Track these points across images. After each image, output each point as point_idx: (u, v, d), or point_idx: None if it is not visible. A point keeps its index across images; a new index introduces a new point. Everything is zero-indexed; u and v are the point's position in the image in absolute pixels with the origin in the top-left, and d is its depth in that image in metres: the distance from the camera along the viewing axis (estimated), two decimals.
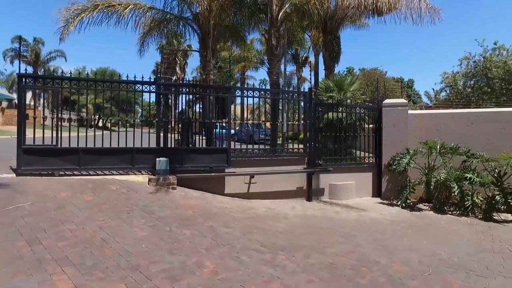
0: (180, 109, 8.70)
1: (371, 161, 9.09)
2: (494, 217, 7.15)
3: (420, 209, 7.80)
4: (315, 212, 7.05)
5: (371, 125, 9.52)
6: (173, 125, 7.77)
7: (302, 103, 8.78)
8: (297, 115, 9.16)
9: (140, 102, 8.21)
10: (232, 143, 7.86)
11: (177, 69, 39.13)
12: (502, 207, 7.22)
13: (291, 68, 35.81)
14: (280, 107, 10.02)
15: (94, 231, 4.31)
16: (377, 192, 8.93)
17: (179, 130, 7.91)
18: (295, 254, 4.27)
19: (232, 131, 11.87)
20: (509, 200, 7.12)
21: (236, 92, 8.24)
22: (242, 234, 4.83)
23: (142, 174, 6.90)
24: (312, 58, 30.34)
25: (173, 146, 7.35)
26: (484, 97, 14.89)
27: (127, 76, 6.92)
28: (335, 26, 15.98)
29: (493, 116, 8.51)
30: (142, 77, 6.93)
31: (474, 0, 75.71)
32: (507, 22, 69.76)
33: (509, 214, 7.26)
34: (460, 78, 16.66)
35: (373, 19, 16.21)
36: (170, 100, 8.29)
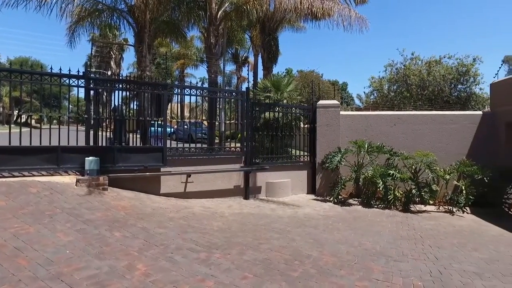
0: (113, 105, 8.23)
1: (306, 160, 9.51)
2: (411, 208, 7.97)
3: (350, 204, 8.37)
4: (251, 210, 7.17)
5: (306, 125, 9.96)
6: (106, 123, 7.32)
7: (240, 103, 8.87)
8: (235, 115, 9.23)
9: (70, 97, 7.49)
10: (171, 142, 7.66)
11: (112, 63, 36.87)
12: (417, 199, 8.07)
13: (231, 67, 35.90)
14: (220, 106, 9.97)
15: (5, 240, 3.85)
16: (311, 189, 9.36)
17: (112, 128, 7.48)
18: (231, 251, 4.31)
19: (171, 130, 11.59)
20: (423, 193, 7.96)
21: (173, 90, 8.03)
22: (177, 234, 4.74)
23: (69, 175, 6.39)
24: (252, 58, 30.75)
25: (104, 144, 6.92)
26: (405, 101, 16.52)
27: (51, 68, 6.35)
28: (273, 28, 16.40)
29: (411, 118, 9.42)
30: (69, 70, 6.41)
31: (398, 14, 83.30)
32: (422, 36, 77.98)
33: (422, 205, 8.14)
34: (385, 83, 18.24)
35: (310, 23, 17.00)
36: (103, 96, 7.80)
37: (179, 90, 8.00)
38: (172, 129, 12.75)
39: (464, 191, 7.95)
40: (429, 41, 75.39)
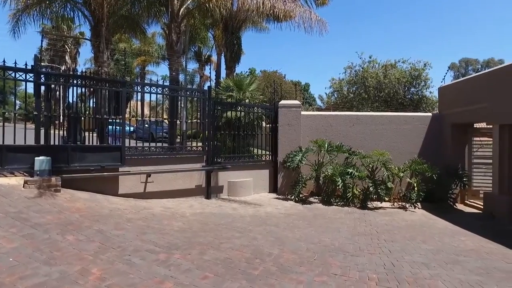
0: (67, 102, 7.79)
1: (268, 159, 9.61)
2: (368, 205, 8.32)
3: (311, 202, 8.57)
4: (213, 209, 7.12)
5: (268, 125, 10.06)
6: (59, 121, 6.91)
7: (202, 101, 8.76)
8: (197, 113, 9.11)
9: (16, 92, 6.94)
10: (132, 141, 7.39)
11: (66, 58, 34.85)
12: (374, 196, 8.44)
13: (194, 65, 35.34)
14: (182, 105, 9.78)
15: None
16: (273, 188, 9.47)
17: (66, 126, 7.07)
18: (191, 251, 4.25)
19: (131, 128, 11.18)
20: (379, 190, 8.35)
21: (132, 87, 7.75)
22: (136, 236, 4.59)
23: (16, 176, 5.94)
24: (215, 57, 30.47)
25: (57, 143, 6.53)
26: (363, 102, 17.23)
27: None
28: (236, 27, 16.37)
29: (369, 119, 9.84)
30: (15, 62, 5.96)
31: (357, 18, 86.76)
32: (379, 40, 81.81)
33: (379, 202, 8.53)
34: (345, 84, 18.89)
35: (273, 24, 17.22)
36: (56, 93, 7.36)
37: (139, 88, 7.75)
38: (132, 128, 12.34)
39: (415, 188, 8.43)
40: (386, 45, 79.23)
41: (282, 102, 9.80)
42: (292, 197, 8.58)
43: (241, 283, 3.48)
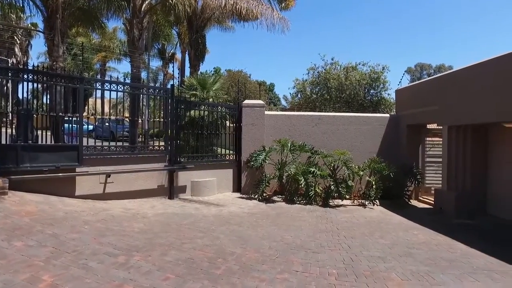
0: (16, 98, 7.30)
1: (232, 158, 9.59)
2: (330, 203, 8.56)
3: (274, 201, 8.67)
4: (175, 210, 7.00)
5: (233, 124, 10.05)
6: (7, 118, 6.45)
7: (165, 100, 8.56)
8: (160, 112, 8.91)
9: None
10: (92, 140, 7.07)
11: (16, 50, 32.51)
12: (335, 194, 8.69)
13: (157, 63, 34.47)
14: (144, 103, 9.52)
15: None
16: (237, 187, 9.48)
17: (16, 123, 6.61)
18: (152, 253, 4.15)
19: (90, 127, 10.68)
20: (340, 189, 8.62)
21: (92, 84, 7.39)
22: (93, 238, 4.40)
23: None
24: (179, 55, 29.88)
25: (4, 142, 6.09)
26: (325, 103, 17.73)
27: None
28: (201, 25, 16.20)
29: (331, 119, 10.12)
30: None
31: (320, 20, 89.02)
32: (341, 42, 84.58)
33: (340, 200, 8.81)
34: (308, 85, 19.31)
35: (238, 23, 17.24)
36: (4, 88, 6.86)
37: (98, 85, 7.41)
38: (91, 127, 11.79)
39: (374, 186, 8.79)
40: (348, 48, 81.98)
41: (246, 101, 9.83)
42: (256, 196, 8.63)
43: (203, 283, 3.46)
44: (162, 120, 8.39)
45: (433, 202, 8.82)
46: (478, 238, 5.93)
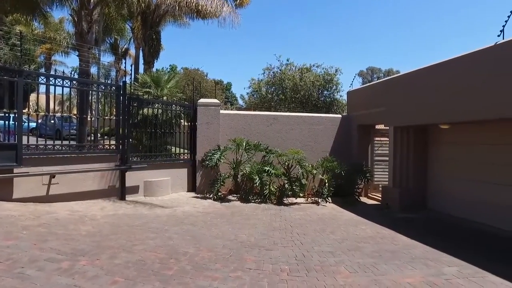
0: None
1: (186, 157, 9.44)
2: (284, 201, 8.73)
3: (229, 200, 8.67)
4: (127, 211, 6.74)
5: (188, 123, 9.89)
6: None
7: (116, 97, 8.20)
8: (111, 110, 8.51)
9: None
10: (28, 138, 6.56)
11: None
12: (290, 192, 8.88)
13: (109, 58, 32.85)
14: (94, 100, 9.03)
15: None
16: (192, 187, 9.35)
17: None
18: (100, 256, 3.97)
19: (32, 124, 9.93)
20: (294, 187, 8.83)
21: (33, 78, 6.85)
22: (32, 244, 4.10)
23: None
24: (133, 51, 28.71)
25: None
26: (280, 103, 18.07)
27: None
28: (156, 21, 15.75)
29: (285, 119, 10.33)
30: None
31: (276, 21, 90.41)
32: (296, 44, 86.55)
33: (294, 198, 9.02)
34: (264, 85, 19.54)
35: (196, 20, 16.98)
36: None
37: (42, 79, 6.90)
38: (34, 124, 10.97)
39: (327, 184, 9.11)
40: (303, 49, 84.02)
41: (201, 100, 9.73)
42: (211, 196, 8.58)
43: (154, 284, 3.38)
44: (113, 118, 8.03)
45: (380, 199, 9.33)
46: (417, 231, 6.38)
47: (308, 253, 4.77)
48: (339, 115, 11.22)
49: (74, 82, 7.28)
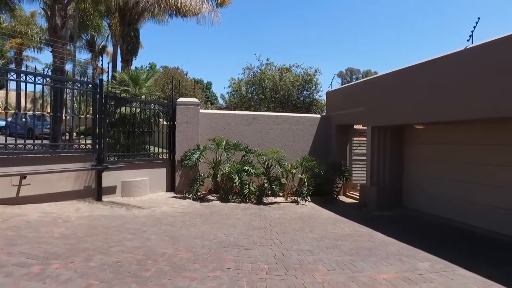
0: None
1: (165, 157, 9.31)
2: (264, 201, 8.76)
3: (209, 200, 8.61)
4: (104, 212, 6.58)
5: (167, 122, 9.76)
6: None
7: (93, 95, 7.97)
8: (88, 108, 8.27)
9: None
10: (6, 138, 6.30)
11: None
12: (269, 192, 8.91)
13: (86, 55, 31.95)
14: (69, 98, 8.75)
15: None
16: (171, 187, 9.23)
17: None
18: (74, 259, 3.86)
19: (2, 123, 9.51)
20: (273, 186, 8.87)
21: (1, 73, 6.57)
22: (0, 249, 3.94)
23: None
24: (111, 48, 28.00)
25: None
26: (260, 102, 18.08)
27: None
28: (134, 18, 15.45)
29: (265, 119, 10.35)
30: None
31: (256, 21, 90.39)
32: (277, 44, 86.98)
33: (273, 197, 9.06)
34: (243, 84, 19.50)
35: (175, 18, 16.80)
36: None
37: (12, 75, 6.62)
38: (3, 122, 10.51)
39: (306, 183, 9.19)
40: (283, 49, 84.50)
41: (180, 99, 9.61)
42: (190, 196, 8.49)
43: (130, 286, 3.32)
44: (90, 117, 7.80)
45: (358, 197, 9.51)
46: (393, 228, 6.55)
47: (287, 252, 4.80)
48: (318, 115, 11.34)
49: (48, 79, 7.03)
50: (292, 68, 19.11)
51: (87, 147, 7.55)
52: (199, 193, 8.64)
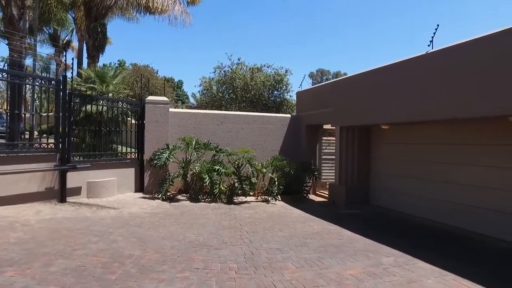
0: None
1: (134, 156, 9.08)
2: (234, 200, 8.74)
3: (178, 200, 8.48)
4: (67, 214, 6.31)
5: (136, 121, 9.51)
6: None
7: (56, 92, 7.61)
8: (50, 106, 7.88)
9: None
10: None
11: None
12: (240, 191, 8.90)
13: (49, 50, 30.39)
14: (31, 95, 8.29)
15: None
16: (140, 187, 9.01)
17: None
18: (32, 265, 3.68)
19: None
20: (244, 186, 8.86)
21: None
22: None
23: None
24: (76, 43, 26.83)
25: None
26: (231, 102, 18.03)
27: None
28: (101, 12, 14.90)
29: (236, 118, 10.33)
30: None
31: (228, 21, 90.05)
32: (248, 44, 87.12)
33: (244, 197, 9.07)
34: (214, 83, 19.38)
35: (144, 15, 16.37)
36: None
37: None
38: None
39: (276, 182, 9.26)
40: (255, 49, 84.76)
41: (150, 98, 9.39)
42: (159, 196, 8.32)
43: None
44: (53, 114, 7.45)
45: (328, 196, 9.71)
46: (361, 225, 6.75)
47: (257, 251, 4.82)
48: (289, 115, 11.47)
49: (4, 74, 6.63)
50: (263, 68, 19.22)
51: (49, 146, 7.21)
52: (168, 193, 8.49)
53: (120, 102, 9.14)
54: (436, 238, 6.03)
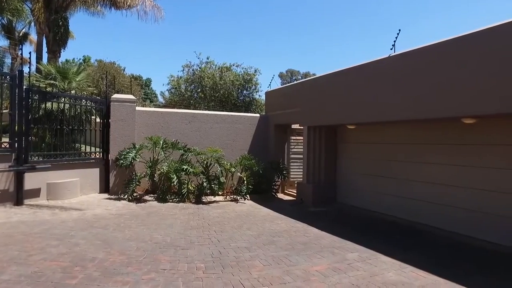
0: None
1: (98, 156, 8.78)
2: (203, 200, 8.69)
3: (145, 200, 8.31)
4: (24, 217, 5.99)
5: (101, 120, 9.18)
6: None
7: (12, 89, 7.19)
8: (6, 103, 7.45)
9: None
10: None
11: None
12: (208, 191, 8.86)
13: (4, 42, 28.53)
14: None
15: None
16: (105, 188, 8.73)
17: None
18: None
19: None
20: (213, 185, 8.83)
21: None
22: None
23: None
24: (35, 36, 25.35)
25: None
26: (200, 101, 17.87)
27: None
28: (62, 5, 14.26)
29: (204, 117, 10.25)
30: None
31: (196, 19, 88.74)
32: (216, 44, 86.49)
33: (213, 196, 9.03)
34: (183, 82, 19.10)
35: (109, 9, 15.85)
36: None
37: None
38: None
39: (245, 182, 9.31)
40: (224, 49, 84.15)
41: (115, 96, 9.11)
42: (126, 197, 8.10)
43: None
44: (7, 112, 7.04)
45: (296, 194, 9.87)
46: (327, 223, 6.93)
47: (225, 250, 4.83)
48: (258, 115, 11.54)
49: None
50: (233, 68, 19.18)
51: (3, 146, 6.81)
52: (135, 194, 8.29)
53: (84, 100, 8.79)
54: (397, 233, 6.32)
